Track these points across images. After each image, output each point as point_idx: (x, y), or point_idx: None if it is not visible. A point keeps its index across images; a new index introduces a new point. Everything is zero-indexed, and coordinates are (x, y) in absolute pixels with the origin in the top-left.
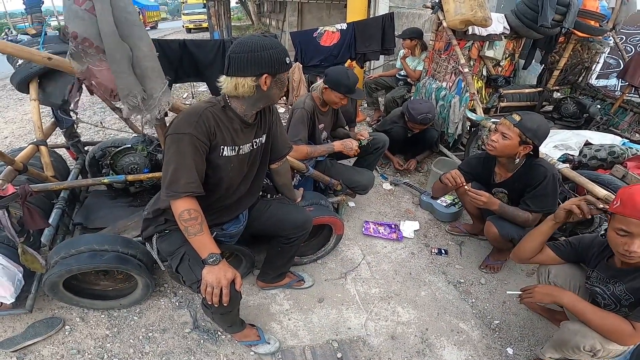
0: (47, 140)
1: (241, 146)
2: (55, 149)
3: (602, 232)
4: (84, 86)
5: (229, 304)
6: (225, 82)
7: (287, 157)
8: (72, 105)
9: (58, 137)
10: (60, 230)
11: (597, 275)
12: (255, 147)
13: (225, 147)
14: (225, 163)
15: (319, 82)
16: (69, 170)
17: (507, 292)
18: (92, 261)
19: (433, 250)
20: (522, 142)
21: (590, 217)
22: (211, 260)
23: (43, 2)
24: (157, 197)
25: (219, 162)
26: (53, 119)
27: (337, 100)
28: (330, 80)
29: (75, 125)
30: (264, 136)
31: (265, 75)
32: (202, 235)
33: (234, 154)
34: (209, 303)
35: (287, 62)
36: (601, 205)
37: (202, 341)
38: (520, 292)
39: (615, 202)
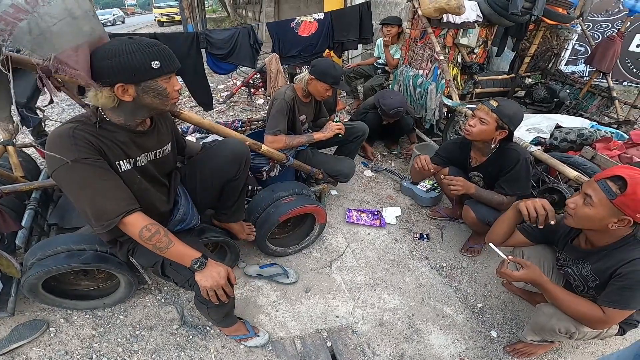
0: (15, 140)
1: (137, 158)
2: (24, 149)
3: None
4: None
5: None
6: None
7: (267, 147)
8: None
9: (26, 136)
10: (35, 232)
11: (565, 257)
12: (161, 155)
13: (121, 162)
14: (130, 177)
15: (304, 73)
16: (39, 170)
17: (489, 245)
18: (70, 261)
19: (415, 236)
20: (498, 127)
21: (543, 226)
22: (197, 266)
23: None
24: None
25: (123, 178)
26: (19, 118)
27: (322, 91)
28: (316, 71)
29: (43, 124)
30: (169, 145)
31: (118, 85)
32: (174, 246)
33: (130, 167)
34: (209, 300)
35: (155, 67)
36: (552, 222)
37: (191, 337)
38: (500, 252)
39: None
